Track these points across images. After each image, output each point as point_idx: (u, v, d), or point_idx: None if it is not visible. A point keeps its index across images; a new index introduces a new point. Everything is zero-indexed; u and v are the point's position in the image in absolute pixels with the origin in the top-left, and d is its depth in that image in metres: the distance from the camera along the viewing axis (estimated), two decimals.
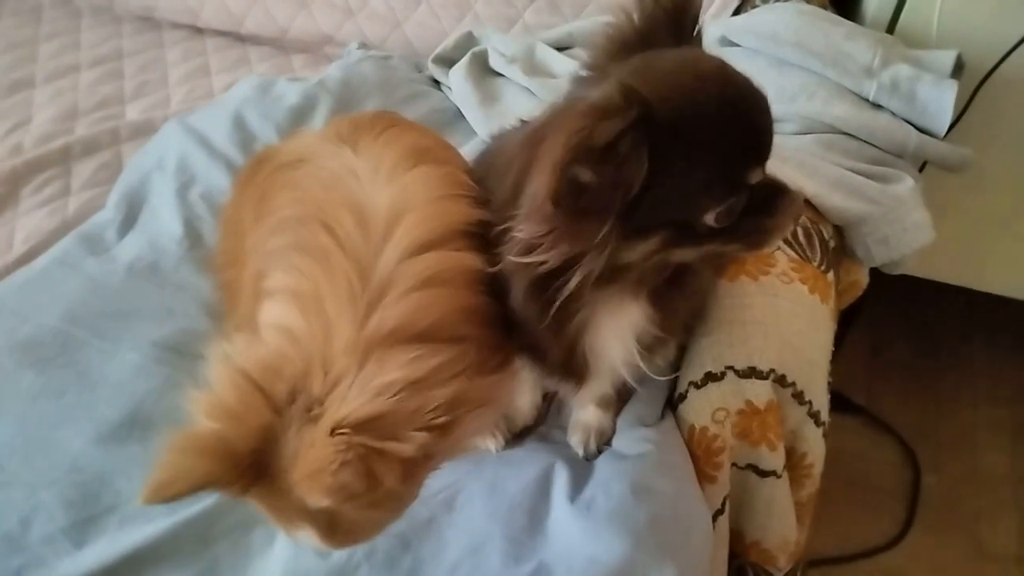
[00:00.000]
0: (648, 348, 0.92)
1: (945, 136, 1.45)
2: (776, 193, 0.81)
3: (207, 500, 1.05)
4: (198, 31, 2.12)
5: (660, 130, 0.70)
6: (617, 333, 0.88)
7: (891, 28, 1.57)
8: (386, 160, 0.96)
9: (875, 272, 1.42)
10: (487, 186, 0.93)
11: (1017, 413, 2.10)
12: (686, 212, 0.76)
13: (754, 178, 0.77)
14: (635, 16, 0.81)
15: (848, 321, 1.90)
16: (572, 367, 0.92)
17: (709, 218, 0.77)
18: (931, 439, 2.02)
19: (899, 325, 2.29)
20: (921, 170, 1.52)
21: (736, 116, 0.75)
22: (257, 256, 1.00)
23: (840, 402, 1.98)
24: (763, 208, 0.80)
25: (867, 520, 1.86)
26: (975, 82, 1.53)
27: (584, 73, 0.86)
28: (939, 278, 1.92)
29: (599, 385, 0.98)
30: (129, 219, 1.45)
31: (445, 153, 1.10)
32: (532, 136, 0.82)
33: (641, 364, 0.92)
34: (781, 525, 1.14)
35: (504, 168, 0.86)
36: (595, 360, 0.91)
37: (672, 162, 0.72)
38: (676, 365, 1.10)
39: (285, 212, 0.98)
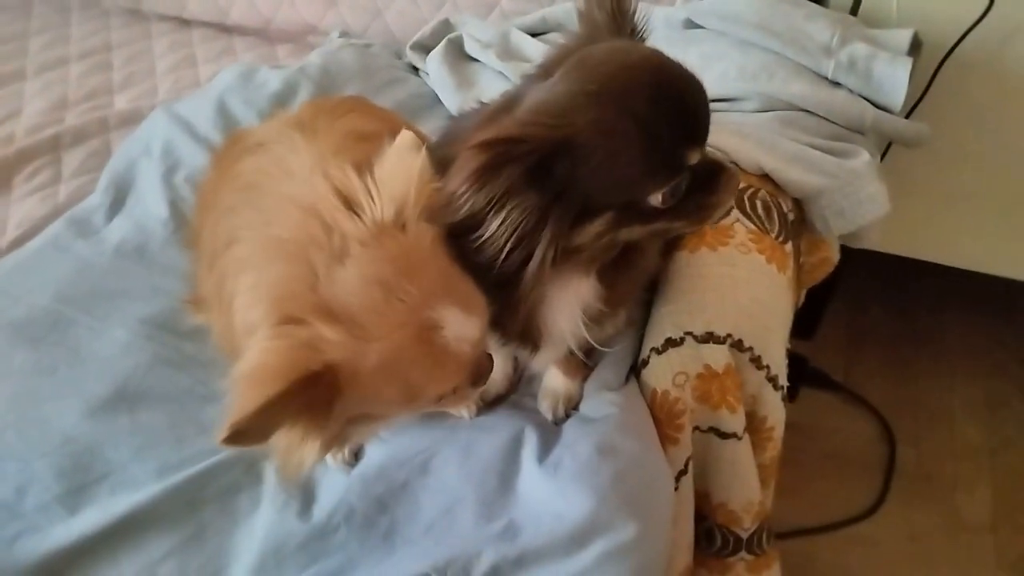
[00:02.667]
0: (595, 320, 0.97)
1: (910, 114, 1.50)
2: (715, 171, 0.86)
3: (194, 466, 1.10)
4: (184, 23, 2.16)
5: (589, 130, 0.76)
6: (566, 307, 0.92)
7: (855, 9, 1.61)
8: (328, 146, 0.98)
9: (851, 250, 1.47)
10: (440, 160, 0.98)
11: (992, 386, 2.15)
12: (631, 195, 0.81)
13: (693, 159, 0.81)
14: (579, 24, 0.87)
15: (825, 298, 1.95)
16: (527, 336, 0.97)
17: (654, 199, 0.82)
18: (908, 413, 2.07)
19: (875, 301, 2.33)
20: (886, 152, 1.57)
21: (671, 102, 0.80)
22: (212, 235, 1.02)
23: (818, 377, 2.06)
24: (704, 186, 0.85)
25: (844, 492, 1.90)
26: (936, 61, 1.57)
27: (531, 72, 0.93)
28: (910, 254, 1.95)
29: (552, 353, 1.03)
30: (117, 203, 1.49)
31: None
32: (484, 119, 0.87)
33: (587, 336, 0.97)
34: (744, 486, 1.18)
35: (457, 146, 0.91)
36: (547, 331, 0.95)
37: (614, 150, 0.77)
38: (635, 334, 1.14)
39: (226, 200, 1.01)
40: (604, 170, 0.77)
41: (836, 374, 2.11)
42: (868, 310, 2.32)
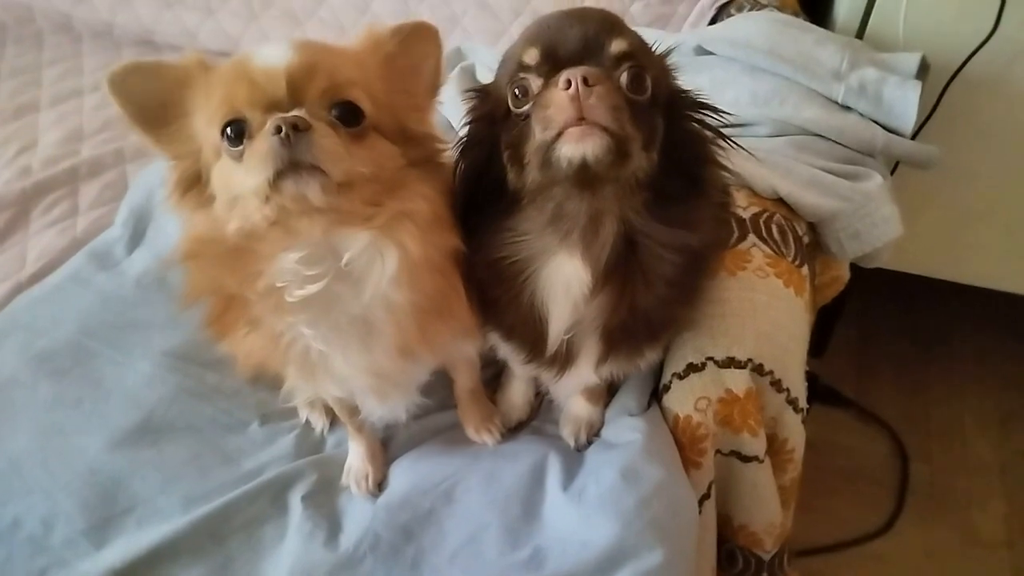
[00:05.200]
0: (615, 338, 0.97)
1: (917, 134, 1.51)
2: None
3: (220, 498, 1.11)
4: (195, 52, 2.17)
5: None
6: (560, 290, 0.91)
7: (860, 32, 1.63)
8: None
9: (861, 267, 1.48)
10: None
11: (1003, 401, 2.15)
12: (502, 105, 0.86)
13: (530, 59, 0.82)
14: None
15: (835, 315, 1.96)
16: (529, 329, 0.96)
17: (511, 101, 0.84)
18: (920, 429, 2.07)
19: (887, 318, 2.34)
20: (895, 170, 1.58)
21: (548, 24, 0.85)
22: None
23: (830, 394, 2.06)
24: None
25: (858, 509, 1.90)
26: (943, 81, 1.59)
27: None
28: (920, 272, 1.96)
29: (576, 379, 1.03)
30: (137, 235, 1.51)
31: None
32: None
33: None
34: (766, 509, 1.19)
35: None
36: (548, 319, 0.94)
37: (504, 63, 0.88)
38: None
39: None
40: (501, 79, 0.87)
41: (847, 390, 2.11)
42: (878, 327, 2.33)
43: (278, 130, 0.73)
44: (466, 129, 0.93)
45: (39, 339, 1.30)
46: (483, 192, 0.90)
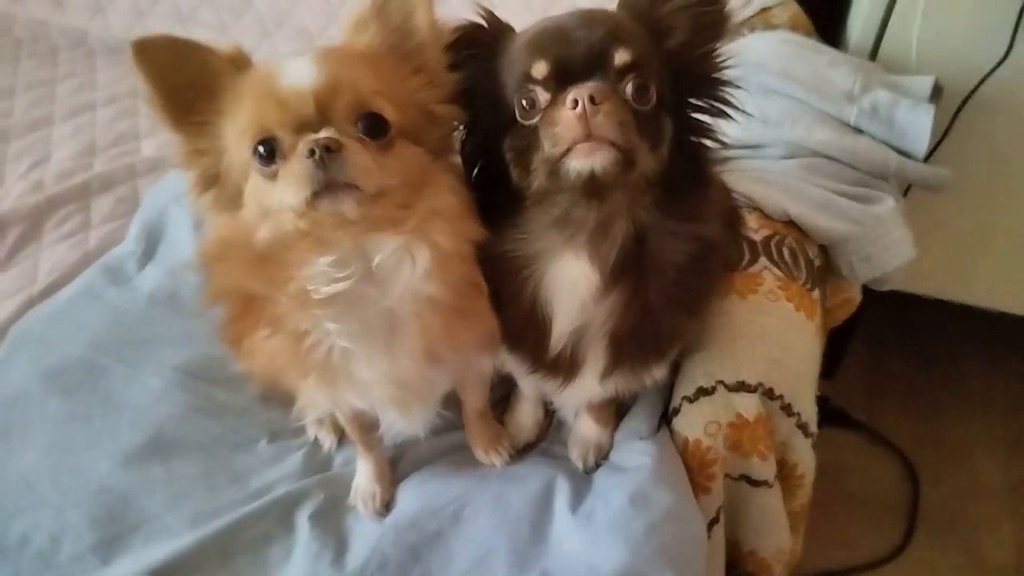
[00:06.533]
0: (623, 346, 0.96)
1: (929, 157, 1.51)
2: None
3: (227, 515, 1.11)
4: None
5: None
6: (566, 290, 0.91)
7: (873, 54, 1.63)
8: None
9: (871, 289, 1.47)
10: None
11: (1012, 425, 2.13)
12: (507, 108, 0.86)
13: (538, 73, 0.82)
14: None
15: (845, 337, 1.95)
16: (533, 329, 0.96)
17: (518, 111, 0.84)
18: (930, 452, 2.05)
19: (896, 341, 2.32)
20: (907, 192, 1.58)
21: (550, 31, 0.85)
22: None
23: (840, 417, 2.05)
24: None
25: (868, 533, 1.88)
26: (956, 104, 1.58)
27: None
28: (931, 293, 1.95)
29: (581, 389, 1.02)
30: (149, 251, 1.52)
31: None
32: None
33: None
34: (775, 534, 1.18)
35: None
36: (553, 319, 0.94)
37: (508, 62, 0.87)
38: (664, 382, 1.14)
39: None
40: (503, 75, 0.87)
41: (857, 412, 2.10)
42: (889, 349, 2.31)
43: (312, 153, 0.74)
44: (462, 76, 0.90)
45: (50, 355, 1.30)
46: (485, 183, 0.91)
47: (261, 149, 0.78)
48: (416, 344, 0.91)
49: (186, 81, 0.82)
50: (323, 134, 0.76)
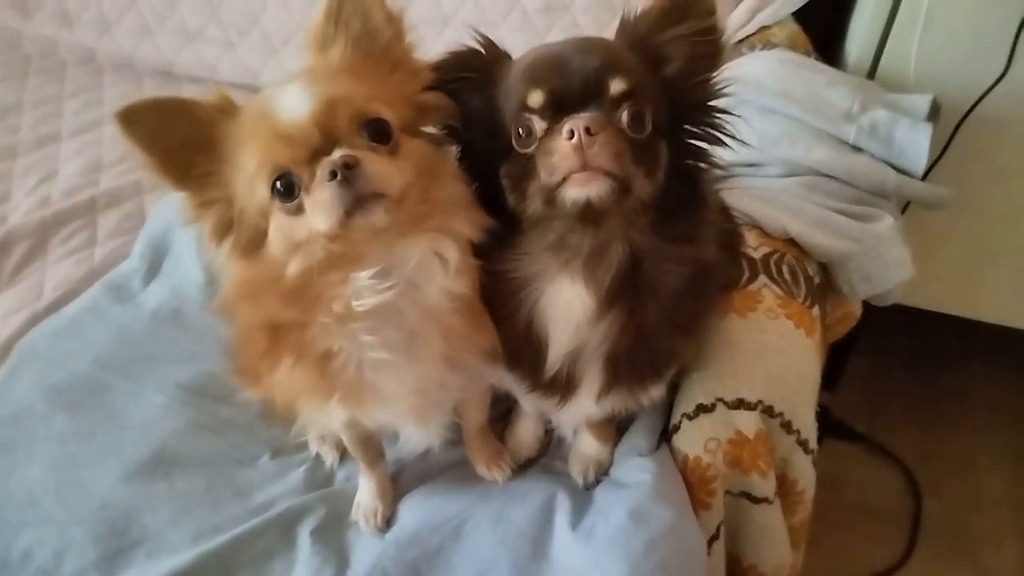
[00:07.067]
0: (619, 367, 0.97)
1: (928, 173, 1.52)
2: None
3: (229, 532, 1.12)
4: (215, 84, 2.21)
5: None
6: (561, 314, 0.92)
7: (872, 72, 1.65)
8: None
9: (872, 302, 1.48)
10: None
11: (1016, 438, 2.13)
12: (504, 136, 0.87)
13: (534, 102, 0.83)
14: None
15: (847, 349, 1.95)
16: (528, 350, 0.97)
17: (515, 140, 0.85)
18: (932, 465, 2.05)
19: (899, 352, 2.33)
20: (905, 208, 1.59)
21: (547, 59, 0.86)
22: None
23: (842, 429, 2.05)
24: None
25: (870, 545, 1.89)
26: (954, 121, 1.60)
27: None
28: (934, 307, 1.97)
29: (578, 407, 1.03)
30: (153, 268, 1.53)
31: None
32: None
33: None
34: (775, 549, 1.18)
35: None
36: (548, 342, 0.95)
37: (506, 90, 0.87)
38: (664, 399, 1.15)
39: None
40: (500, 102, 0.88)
41: (859, 424, 2.11)
42: (891, 362, 2.32)
43: (333, 175, 0.75)
44: (457, 98, 0.91)
45: (55, 371, 1.31)
46: (482, 204, 0.91)
47: (279, 187, 0.79)
48: (437, 349, 0.92)
49: (179, 139, 0.82)
50: (337, 154, 0.77)
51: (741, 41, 1.77)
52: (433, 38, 1.97)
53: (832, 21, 1.85)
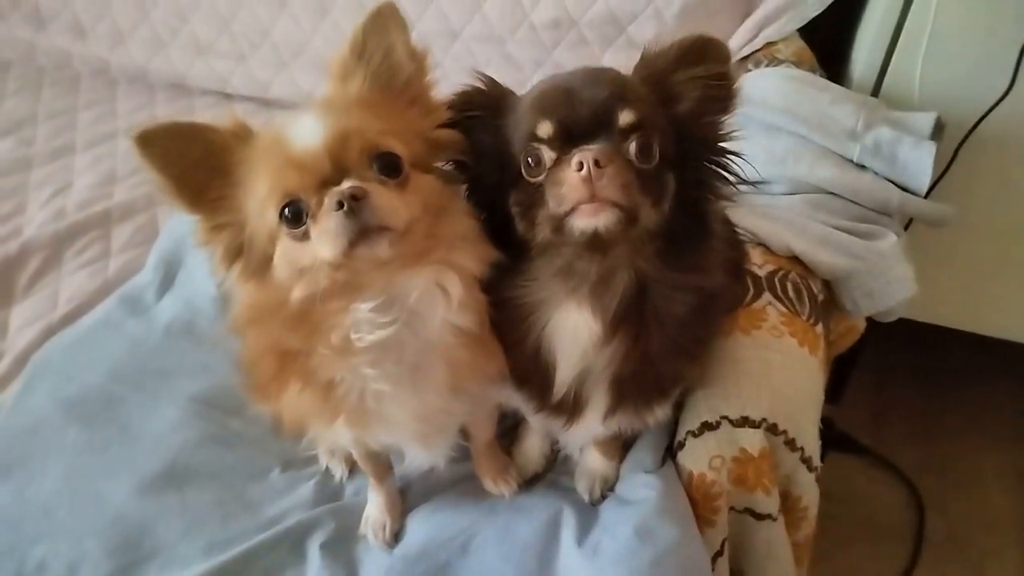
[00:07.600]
0: (625, 389, 0.98)
1: (932, 191, 1.53)
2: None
3: (240, 545, 1.14)
4: (227, 96, 2.25)
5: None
6: (568, 338, 0.93)
7: (876, 89, 1.66)
8: None
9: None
10: None
11: (1021, 452, 2.13)
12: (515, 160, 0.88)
13: (544, 132, 0.84)
14: None
15: (851, 363, 1.96)
16: (537, 374, 0.98)
17: (524, 169, 0.87)
18: (936, 479, 2.06)
19: (903, 366, 2.33)
20: (908, 225, 1.60)
21: (557, 90, 0.88)
22: None
23: (846, 442, 2.06)
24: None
25: (873, 559, 1.89)
26: (958, 138, 1.60)
27: None
28: (938, 322, 1.97)
29: (585, 428, 1.04)
30: (167, 281, 1.55)
31: None
32: None
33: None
34: (779, 566, 1.19)
35: None
36: (556, 366, 0.96)
37: (515, 120, 0.89)
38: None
39: None
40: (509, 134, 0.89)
41: (863, 437, 2.11)
42: (895, 375, 2.32)
43: (340, 205, 0.77)
44: (467, 134, 0.93)
45: (70, 384, 1.33)
46: (490, 232, 0.93)
47: (288, 213, 0.80)
48: (442, 379, 0.93)
49: (194, 162, 0.84)
50: (346, 185, 0.78)
51: (747, 57, 1.78)
52: (441, 53, 1.99)
53: (837, 38, 1.86)
